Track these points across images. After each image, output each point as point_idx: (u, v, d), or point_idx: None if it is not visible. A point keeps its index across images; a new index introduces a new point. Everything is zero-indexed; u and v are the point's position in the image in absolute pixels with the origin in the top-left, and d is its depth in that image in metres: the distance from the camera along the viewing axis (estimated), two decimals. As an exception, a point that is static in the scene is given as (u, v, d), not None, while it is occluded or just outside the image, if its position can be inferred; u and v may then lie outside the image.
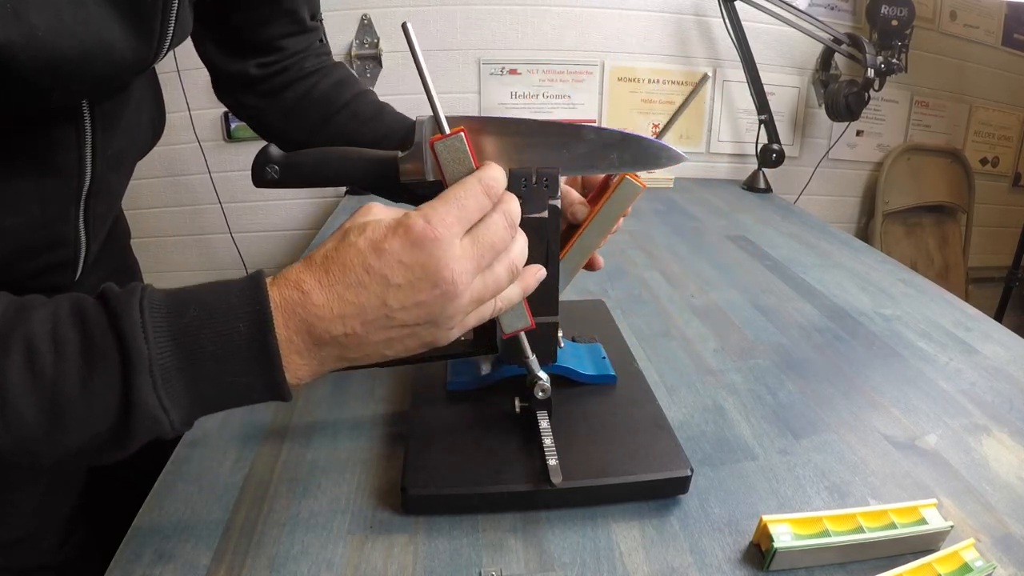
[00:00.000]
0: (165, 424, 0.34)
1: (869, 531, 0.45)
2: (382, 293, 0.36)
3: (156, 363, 0.33)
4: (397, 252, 0.35)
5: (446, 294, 0.36)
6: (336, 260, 0.36)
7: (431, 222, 0.36)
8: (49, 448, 0.33)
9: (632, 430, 0.54)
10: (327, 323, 0.35)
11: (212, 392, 0.35)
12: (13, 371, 0.31)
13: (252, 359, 0.34)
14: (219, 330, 0.34)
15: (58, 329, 0.33)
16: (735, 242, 1.13)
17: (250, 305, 0.34)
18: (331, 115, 0.67)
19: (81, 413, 0.32)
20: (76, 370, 0.32)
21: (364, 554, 0.46)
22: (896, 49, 1.45)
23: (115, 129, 0.51)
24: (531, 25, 1.51)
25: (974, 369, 0.72)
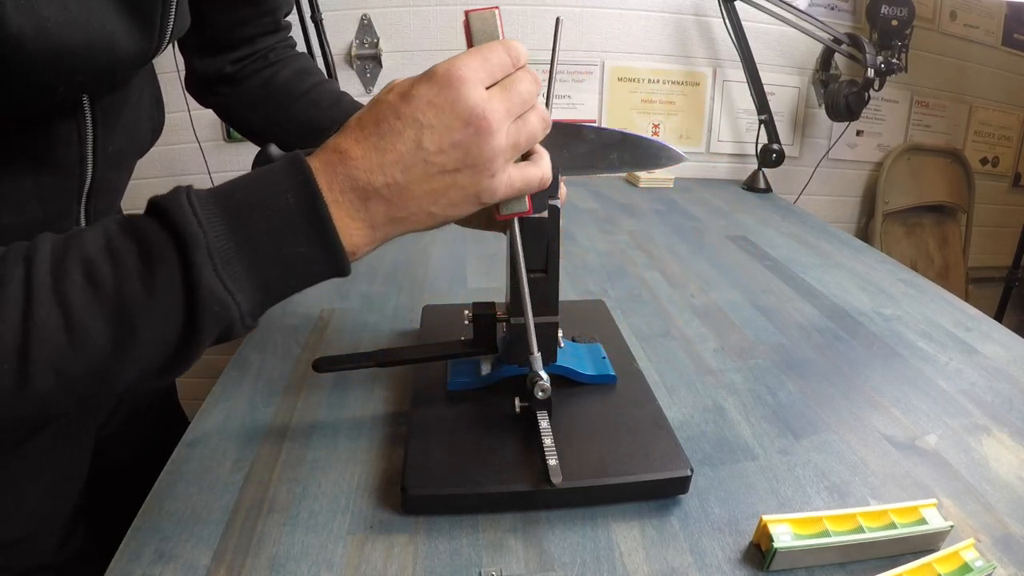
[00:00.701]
0: (232, 308, 0.34)
1: (869, 531, 0.45)
2: (416, 136, 0.36)
3: (213, 245, 0.33)
4: (425, 94, 0.36)
5: (480, 130, 0.37)
6: (368, 117, 0.37)
7: (454, 64, 0.37)
8: (121, 367, 0.33)
9: (632, 430, 0.54)
10: (368, 173, 0.36)
11: (274, 272, 0.35)
12: (75, 290, 0.31)
13: (306, 227, 0.35)
14: (269, 204, 0.34)
15: (112, 242, 0.33)
16: (735, 242, 1.13)
17: (294, 176, 0.35)
18: (291, 103, 0.68)
19: (149, 316, 0.32)
20: (136, 274, 0.32)
21: (364, 554, 0.46)
22: (896, 49, 1.45)
23: (115, 126, 0.51)
24: (531, 25, 1.51)
25: (974, 369, 0.72)
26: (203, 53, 0.66)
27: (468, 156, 0.37)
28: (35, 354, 0.31)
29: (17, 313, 0.31)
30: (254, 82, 0.68)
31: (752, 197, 1.48)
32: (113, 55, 0.42)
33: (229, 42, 0.66)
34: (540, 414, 0.53)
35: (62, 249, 0.33)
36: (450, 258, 1.00)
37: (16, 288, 0.31)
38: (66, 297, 0.31)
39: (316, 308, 0.81)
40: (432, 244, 1.05)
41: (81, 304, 0.31)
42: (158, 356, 0.34)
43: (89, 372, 0.32)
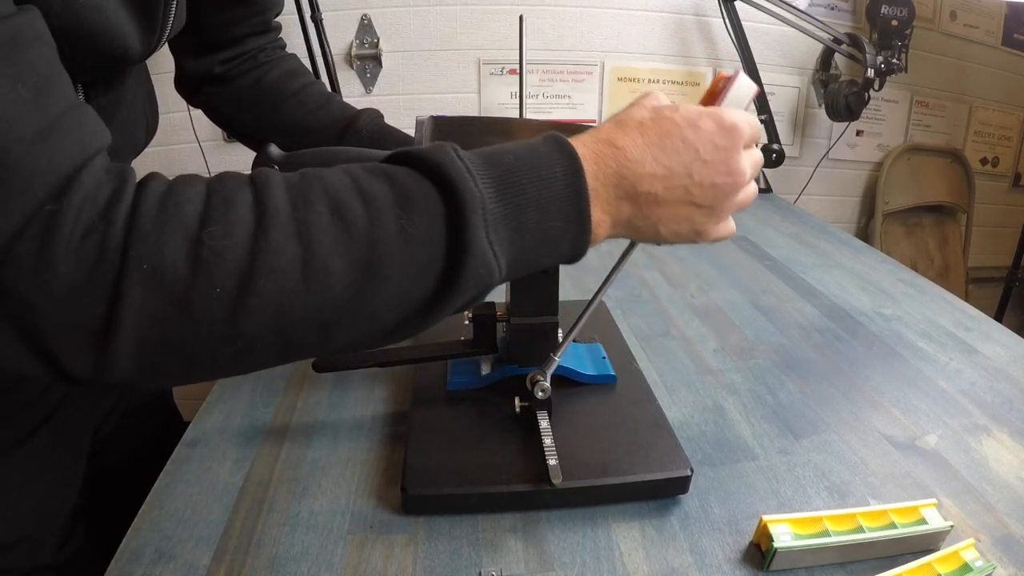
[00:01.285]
0: (496, 273, 0.34)
1: (869, 531, 0.45)
2: (690, 163, 0.38)
3: (488, 207, 0.32)
4: (711, 132, 0.38)
5: (734, 185, 0.39)
6: (654, 127, 0.38)
7: (739, 120, 0.39)
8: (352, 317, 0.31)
9: (632, 430, 0.54)
10: (636, 177, 0.37)
11: (531, 242, 0.35)
12: (319, 223, 0.29)
13: (569, 204, 0.35)
14: (537, 175, 0.34)
15: (361, 184, 0.31)
16: (735, 242, 1.13)
17: (562, 152, 0.35)
18: (280, 103, 0.68)
19: (400, 266, 0.31)
20: (393, 220, 0.31)
21: (364, 554, 0.46)
22: (896, 49, 1.45)
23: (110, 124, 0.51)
24: (531, 25, 1.50)
25: (974, 369, 0.72)
26: (194, 53, 0.66)
27: (716, 200, 0.39)
28: (260, 285, 0.28)
29: (246, 233, 0.28)
30: (244, 82, 0.69)
31: (752, 197, 1.48)
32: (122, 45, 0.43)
33: (220, 42, 0.66)
34: (540, 414, 0.53)
35: (299, 180, 0.31)
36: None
37: (245, 208, 0.29)
38: (308, 228, 0.29)
39: (316, 308, 0.81)
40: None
41: (325, 240, 0.29)
42: (396, 314, 0.32)
43: (315, 320, 0.30)
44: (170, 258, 0.27)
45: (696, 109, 0.39)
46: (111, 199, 0.28)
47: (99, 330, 0.27)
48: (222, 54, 0.67)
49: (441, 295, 0.33)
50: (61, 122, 0.29)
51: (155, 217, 0.28)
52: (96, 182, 0.29)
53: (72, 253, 0.27)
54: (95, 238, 0.27)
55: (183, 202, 0.29)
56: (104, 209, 0.28)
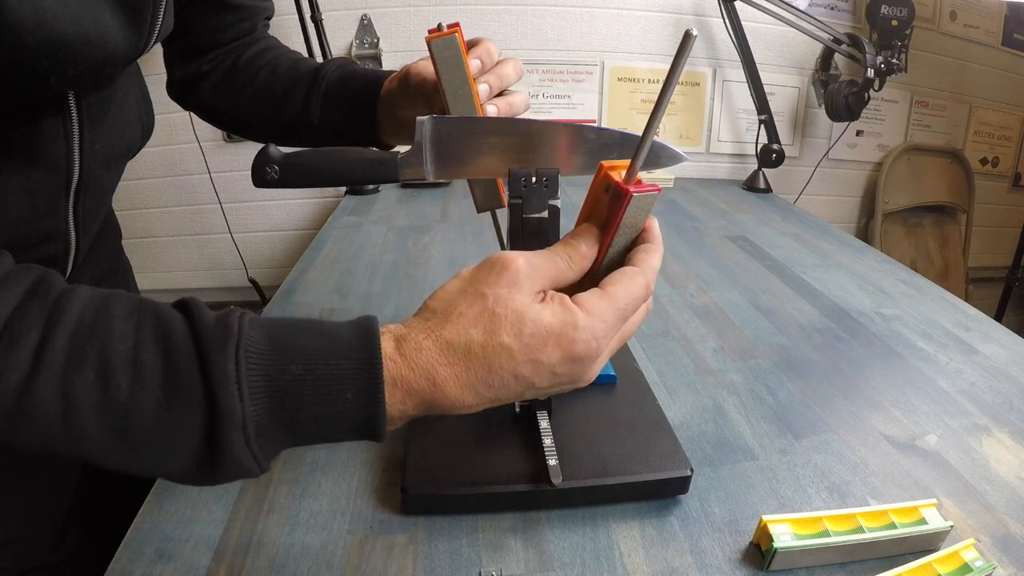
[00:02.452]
0: (255, 471, 0.32)
1: (869, 531, 0.45)
2: (522, 392, 0.35)
3: (250, 421, 0.31)
4: (553, 364, 0.34)
5: (579, 381, 0.36)
6: (482, 360, 0.33)
7: (596, 340, 0.34)
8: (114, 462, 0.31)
9: (632, 430, 0.54)
10: (450, 407, 0.34)
11: (303, 441, 0.33)
12: (84, 386, 0.30)
13: (355, 425, 0.33)
14: (324, 395, 0.31)
15: (139, 351, 0.31)
16: (735, 242, 1.13)
17: (362, 375, 0.32)
18: (254, 75, 0.67)
19: (154, 445, 0.31)
20: (153, 402, 0.30)
21: (364, 554, 0.46)
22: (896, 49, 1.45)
23: (102, 124, 0.51)
24: (531, 25, 1.51)
25: (974, 369, 0.72)
26: (183, 58, 0.67)
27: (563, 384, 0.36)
28: (24, 425, 0.29)
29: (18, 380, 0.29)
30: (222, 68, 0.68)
31: (752, 197, 1.48)
32: (105, 50, 0.43)
33: (207, 46, 0.66)
34: (540, 414, 0.53)
35: (90, 324, 0.31)
36: (450, 258, 1.00)
37: (26, 355, 0.29)
38: (73, 388, 0.29)
39: (316, 308, 0.81)
40: (432, 244, 1.05)
41: (86, 404, 0.29)
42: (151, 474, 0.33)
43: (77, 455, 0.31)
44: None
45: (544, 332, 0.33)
46: None
47: None
48: (209, 54, 0.67)
49: (195, 477, 0.32)
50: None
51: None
52: None
53: None
54: None
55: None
56: None
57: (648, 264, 0.38)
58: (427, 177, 0.49)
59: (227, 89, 0.67)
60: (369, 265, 0.96)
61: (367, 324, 0.34)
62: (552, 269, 0.36)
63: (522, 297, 0.34)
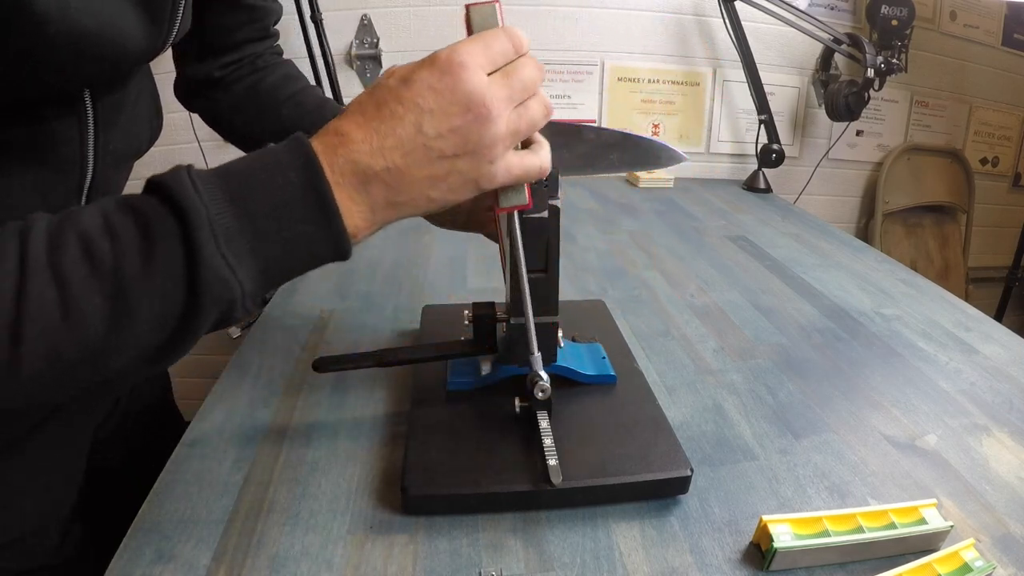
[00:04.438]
0: (235, 287, 0.34)
1: (869, 531, 0.45)
2: (417, 120, 0.36)
3: (216, 222, 0.33)
4: (426, 79, 0.36)
5: (479, 117, 0.37)
6: (370, 100, 0.37)
7: (455, 50, 0.37)
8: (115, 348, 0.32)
9: (632, 430, 0.54)
10: (368, 157, 0.36)
11: (275, 252, 0.35)
12: (70, 264, 0.31)
13: (308, 205, 0.35)
14: (271, 182, 0.34)
15: (110, 218, 0.32)
16: (735, 242, 1.13)
17: (295, 156, 0.35)
18: (277, 106, 0.69)
19: (148, 293, 0.32)
20: (136, 250, 0.32)
21: (364, 554, 0.46)
22: (896, 49, 1.45)
23: (115, 126, 0.51)
24: (531, 25, 1.50)
25: (974, 369, 0.72)
26: (195, 57, 0.67)
27: (468, 142, 0.37)
28: (28, 331, 0.30)
29: (10, 287, 0.30)
30: (241, 87, 0.69)
31: (752, 197, 1.48)
32: (125, 47, 0.43)
33: (219, 47, 0.67)
34: (540, 414, 0.53)
35: (58, 225, 0.32)
36: (450, 258, 1.00)
37: (10, 262, 0.30)
38: (62, 271, 0.31)
39: (316, 308, 0.81)
40: (432, 244, 1.05)
41: (78, 279, 0.31)
42: (155, 337, 0.33)
43: (83, 353, 0.32)
44: None
45: (411, 64, 0.37)
46: None
47: None
48: (222, 59, 0.68)
49: (188, 316, 0.33)
50: None
51: None
52: None
53: None
54: None
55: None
56: None
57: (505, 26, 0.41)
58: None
59: (246, 112, 0.69)
60: (369, 265, 0.96)
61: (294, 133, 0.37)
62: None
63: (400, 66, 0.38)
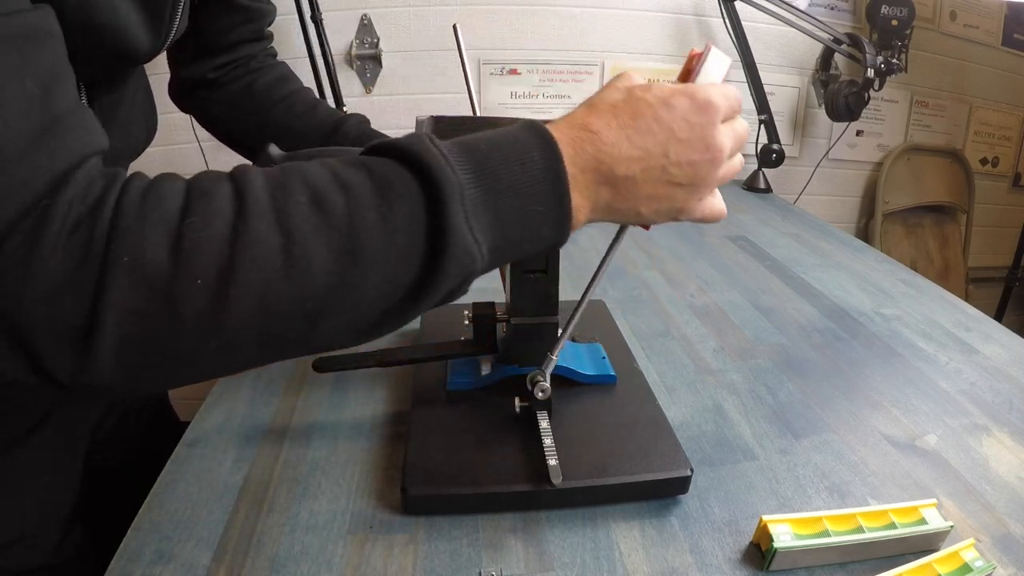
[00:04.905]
0: (478, 260, 0.33)
1: (869, 531, 0.45)
2: (666, 143, 0.37)
3: (466, 192, 0.32)
4: (685, 110, 0.37)
5: (713, 160, 0.39)
6: (626, 108, 0.37)
7: (712, 93, 0.38)
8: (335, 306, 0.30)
9: (632, 430, 0.54)
10: (613, 161, 0.37)
11: (512, 228, 0.35)
12: (299, 213, 0.29)
13: (547, 187, 0.35)
14: (515, 160, 0.34)
15: (339, 175, 0.31)
16: (735, 242, 1.13)
17: (538, 137, 0.35)
18: (269, 107, 0.69)
19: (382, 254, 0.31)
20: (373, 207, 0.31)
21: (364, 554, 0.46)
22: (896, 49, 1.45)
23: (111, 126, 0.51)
24: (531, 25, 1.50)
25: (974, 369, 0.72)
26: (189, 58, 0.67)
27: (695, 177, 0.39)
28: (242, 274, 0.28)
29: (225, 224, 0.28)
30: (235, 87, 0.69)
31: (752, 197, 1.48)
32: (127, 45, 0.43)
33: (213, 48, 0.67)
34: (540, 414, 0.53)
35: (278, 173, 0.30)
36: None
37: (225, 200, 0.29)
38: (289, 218, 0.29)
39: (316, 308, 0.81)
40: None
41: (307, 228, 0.29)
42: (382, 301, 0.32)
43: (298, 310, 0.30)
44: (150, 252, 0.27)
45: (669, 87, 0.38)
46: (100, 197, 0.29)
47: (83, 328, 0.27)
48: (215, 60, 0.68)
49: (424, 282, 0.33)
50: (64, 120, 0.29)
51: (136, 212, 0.28)
52: (88, 181, 0.29)
53: (60, 248, 0.27)
54: (81, 234, 0.27)
55: (164, 196, 0.29)
56: (92, 207, 0.28)
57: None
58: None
59: (238, 112, 0.69)
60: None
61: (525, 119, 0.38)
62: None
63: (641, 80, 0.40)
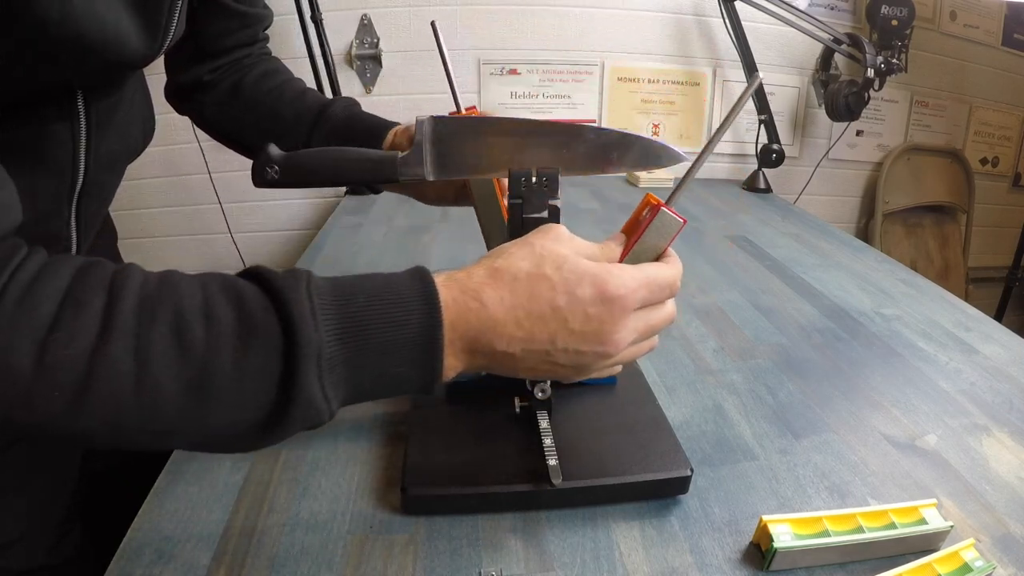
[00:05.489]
0: (325, 414, 0.33)
1: (869, 531, 0.45)
2: (555, 332, 0.36)
3: (324, 352, 0.32)
4: (586, 302, 0.36)
5: (604, 354, 0.38)
6: (526, 285, 0.36)
7: (627, 288, 0.37)
8: (181, 430, 0.31)
9: (632, 430, 0.54)
10: (494, 338, 0.36)
11: (369, 382, 0.35)
12: (159, 341, 0.30)
13: (418, 353, 0.34)
14: (389, 321, 0.34)
15: (210, 304, 0.31)
16: (735, 242, 1.13)
17: (421, 300, 0.35)
18: (259, 99, 0.69)
19: (232, 394, 0.31)
20: (230, 349, 0.31)
21: (364, 554, 0.46)
22: (896, 49, 1.45)
23: (108, 128, 0.51)
24: (531, 25, 1.50)
25: (974, 369, 0.72)
26: (185, 63, 0.67)
27: (580, 364, 0.38)
28: (95, 393, 0.29)
29: (87, 343, 0.29)
30: (225, 85, 0.69)
31: (752, 197, 1.48)
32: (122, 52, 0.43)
33: (209, 52, 0.67)
34: (540, 414, 0.53)
35: (154, 290, 0.31)
36: (450, 258, 1.00)
37: (93, 317, 0.29)
38: (148, 345, 0.29)
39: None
40: (432, 244, 1.05)
41: (161, 359, 0.29)
42: (225, 436, 0.33)
43: (143, 430, 0.31)
44: (15, 358, 0.28)
45: (582, 270, 0.37)
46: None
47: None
48: (211, 63, 0.68)
49: (270, 425, 0.33)
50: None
51: (9, 317, 0.29)
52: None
53: None
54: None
55: (38, 303, 0.29)
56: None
57: (672, 262, 0.41)
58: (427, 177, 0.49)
59: (229, 108, 0.69)
60: (369, 265, 0.95)
61: (418, 267, 0.37)
62: (588, 246, 0.40)
63: (565, 248, 0.38)
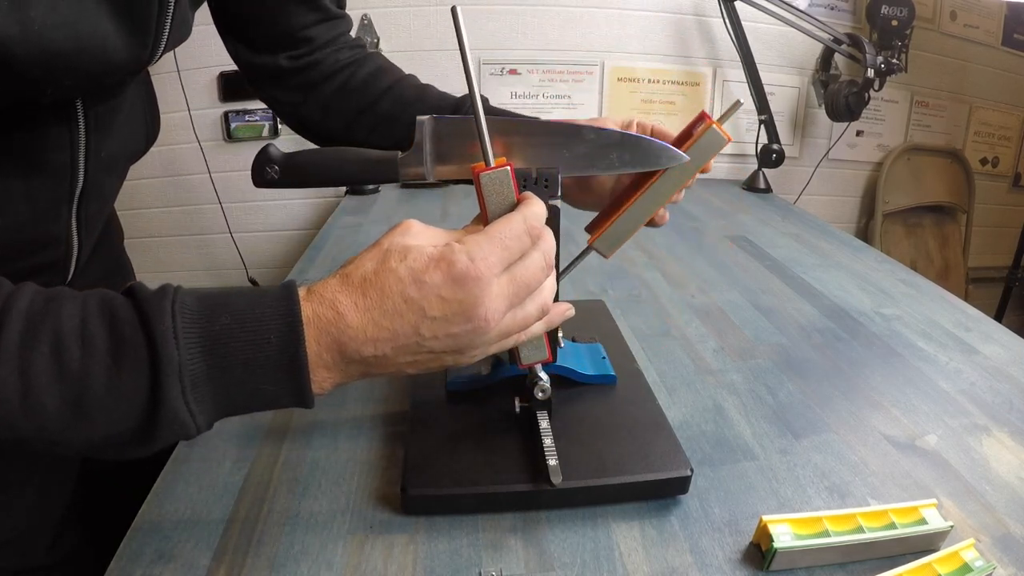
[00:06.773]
0: (191, 427, 0.35)
1: (869, 531, 0.45)
2: (417, 323, 0.36)
3: (186, 369, 0.33)
4: (437, 286, 0.36)
5: (477, 329, 0.37)
6: (375, 284, 0.36)
7: (474, 260, 0.36)
8: (72, 438, 0.33)
9: (632, 430, 0.54)
10: (359, 344, 0.36)
11: (239, 398, 0.36)
12: (40, 363, 0.31)
13: (281, 370, 0.35)
14: (250, 339, 0.34)
15: (87, 325, 0.33)
16: (735, 242, 1.13)
17: (282, 317, 0.35)
18: (372, 103, 0.65)
19: (106, 410, 0.33)
20: (104, 369, 0.32)
21: (364, 554, 0.46)
22: (896, 49, 1.45)
23: (108, 132, 0.51)
24: (531, 25, 1.51)
25: (974, 369, 0.72)
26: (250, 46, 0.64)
27: (459, 345, 0.38)
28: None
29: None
30: (328, 87, 0.66)
31: (752, 197, 1.48)
32: (104, 59, 0.42)
33: (275, 36, 0.64)
34: (540, 414, 0.53)
35: (40, 313, 0.33)
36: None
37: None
38: (29, 367, 0.31)
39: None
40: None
41: (42, 379, 0.31)
42: (109, 445, 0.34)
43: (38, 438, 0.33)
44: None
45: (427, 255, 0.36)
46: None
47: None
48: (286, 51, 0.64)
49: (141, 440, 0.34)
50: None
51: None
52: None
53: None
54: None
55: None
56: None
57: (523, 207, 0.40)
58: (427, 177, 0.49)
59: (339, 111, 0.66)
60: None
61: (287, 282, 0.37)
62: (441, 233, 0.40)
63: (411, 240, 0.38)
